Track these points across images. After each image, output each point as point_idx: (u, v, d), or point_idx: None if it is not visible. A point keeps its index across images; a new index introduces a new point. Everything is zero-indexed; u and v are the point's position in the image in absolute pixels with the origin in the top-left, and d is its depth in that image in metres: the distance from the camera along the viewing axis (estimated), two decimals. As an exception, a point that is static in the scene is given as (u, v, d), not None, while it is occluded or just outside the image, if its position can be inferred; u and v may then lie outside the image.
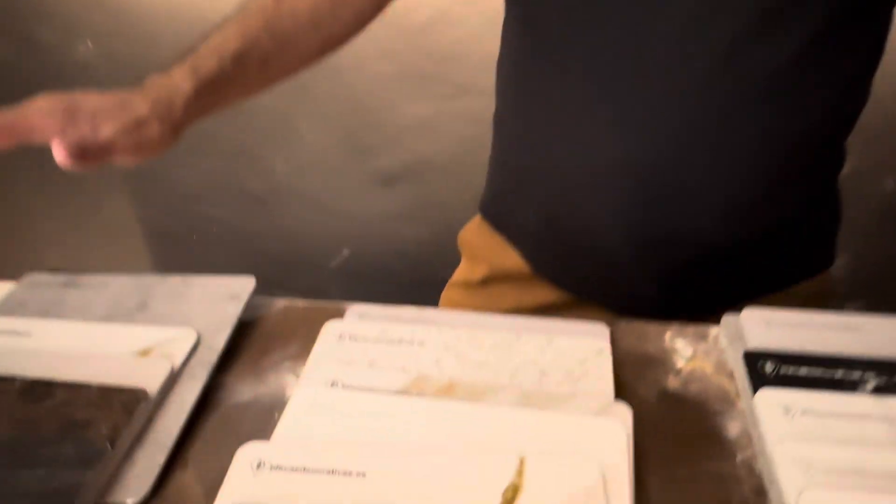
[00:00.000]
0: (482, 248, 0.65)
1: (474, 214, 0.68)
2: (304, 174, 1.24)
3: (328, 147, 1.21)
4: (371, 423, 0.39)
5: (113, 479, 0.37)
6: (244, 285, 0.51)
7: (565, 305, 0.61)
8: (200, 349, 0.45)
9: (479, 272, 0.64)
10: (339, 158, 1.22)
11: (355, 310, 0.50)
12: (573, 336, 0.46)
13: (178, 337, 0.45)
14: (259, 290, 0.51)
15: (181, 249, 1.37)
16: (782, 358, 0.43)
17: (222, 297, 0.50)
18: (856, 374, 0.42)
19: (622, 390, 0.44)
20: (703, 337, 0.49)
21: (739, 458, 0.40)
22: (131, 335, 0.46)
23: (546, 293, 0.61)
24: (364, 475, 0.35)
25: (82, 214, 1.38)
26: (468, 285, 0.66)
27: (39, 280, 0.53)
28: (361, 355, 0.44)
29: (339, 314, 0.49)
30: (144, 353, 0.44)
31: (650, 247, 0.53)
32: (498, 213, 0.64)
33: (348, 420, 0.39)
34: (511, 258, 0.62)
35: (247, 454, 0.37)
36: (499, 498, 0.34)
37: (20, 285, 0.53)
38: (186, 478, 0.39)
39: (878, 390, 0.41)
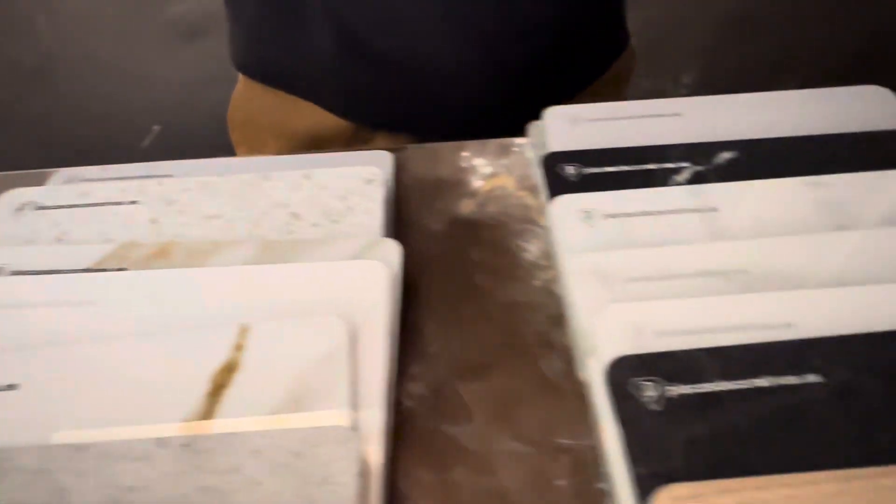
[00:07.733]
0: (262, 120, 0.53)
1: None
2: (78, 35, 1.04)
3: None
4: (37, 316, 0.28)
5: None
6: None
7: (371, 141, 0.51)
8: None
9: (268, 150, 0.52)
10: (119, 6, 1.01)
11: (64, 174, 0.38)
12: (339, 168, 0.36)
13: None
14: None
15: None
16: (585, 157, 0.35)
17: None
18: (670, 164, 0.35)
19: (404, 225, 0.35)
20: (506, 150, 0.40)
21: (538, 282, 0.33)
22: None
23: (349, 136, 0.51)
24: (16, 387, 0.25)
25: None
26: None
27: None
28: (48, 229, 0.33)
29: (42, 182, 0.37)
30: None
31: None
32: (265, 60, 0.51)
33: (14, 313, 0.28)
34: (300, 115, 0.50)
35: None
36: (207, 384, 0.25)
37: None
38: None
39: (694, 179, 0.34)
